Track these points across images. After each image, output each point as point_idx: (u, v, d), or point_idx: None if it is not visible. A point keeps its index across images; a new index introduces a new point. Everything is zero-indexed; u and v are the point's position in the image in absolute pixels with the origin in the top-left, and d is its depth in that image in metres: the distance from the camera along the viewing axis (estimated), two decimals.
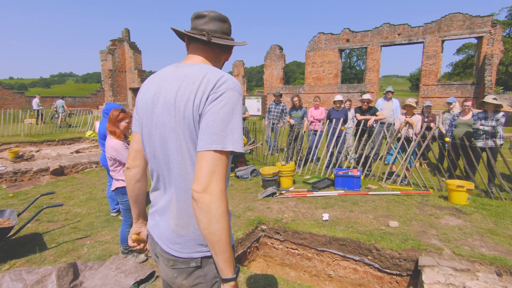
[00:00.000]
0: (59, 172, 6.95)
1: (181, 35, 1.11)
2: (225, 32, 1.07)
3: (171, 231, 1.01)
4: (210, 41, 1.03)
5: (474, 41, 21.97)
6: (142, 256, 2.88)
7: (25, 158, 8.82)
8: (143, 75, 23.51)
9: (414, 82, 52.76)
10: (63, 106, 15.22)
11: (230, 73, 27.05)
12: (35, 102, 15.73)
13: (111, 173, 2.67)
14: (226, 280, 0.89)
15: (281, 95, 7.59)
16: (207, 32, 1.03)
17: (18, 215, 3.12)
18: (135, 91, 24.48)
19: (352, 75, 53.75)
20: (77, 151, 10.00)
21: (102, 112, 3.81)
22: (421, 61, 19.89)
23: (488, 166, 4.62)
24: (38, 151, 9.70)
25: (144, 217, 1.28)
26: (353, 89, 21.86)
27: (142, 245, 1.27)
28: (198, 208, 0.85)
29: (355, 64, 57.39)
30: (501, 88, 20.46)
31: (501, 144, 4.75)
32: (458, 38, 18.98)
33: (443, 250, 2.87)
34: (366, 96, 5.60)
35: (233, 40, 1.10)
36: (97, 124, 11.95)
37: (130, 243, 1.27)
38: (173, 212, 1.01)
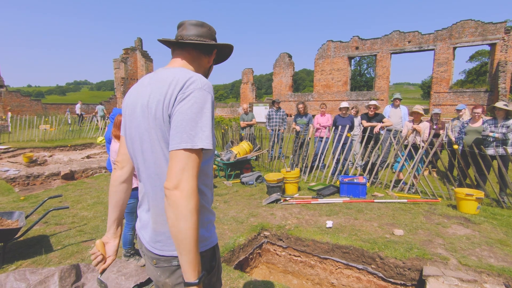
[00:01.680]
0: (70, 176, 7.12)
1: (167, 43, 1.15)
2: (202, 36, 1.11)
3: (152, 229, 1.04)
4: (184, 44, 1.08)
5: (487, 48, 21.58)
6: (143, 260, 2.90)
7: (39, 162, 9.07)
8: None
9: (426, 90, 51.99)
10: (103, 110, 17.68)
11: (240, 81, 27.32)
12: (78, 107, 18.76)
13: None
14: (187, 284, 0.88)
15: (279, 102, 7.68)
16: (180, 36, 1.08)
17: (26, 217, 3.21)
18: None
19: (362, 82, 53.45)
20: (88, 157, 10.23)
21: (109, 117, 3.92)
22: (432, 68, 19.65)
23: (499, 175, 4.49)
24: (51, 156, 9.97)
25: (117, 227, 1.19)
26: (363, 97, 21.71)
27: (100, 257, 1.12)
28: (168, 205, 0.86)
29: (365, 72, 57.08)
30: None
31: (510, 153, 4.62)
32: (470, 45, 18.70)
33: (449, 260, 2.79)
34: (373, 102, 5.56)
35: (212, 41, 1.14)
36: None
37: (91, 250, 1.13)
38: (153, 211, 1.03)
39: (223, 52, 1.23)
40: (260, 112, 15.04)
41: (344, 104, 5.95)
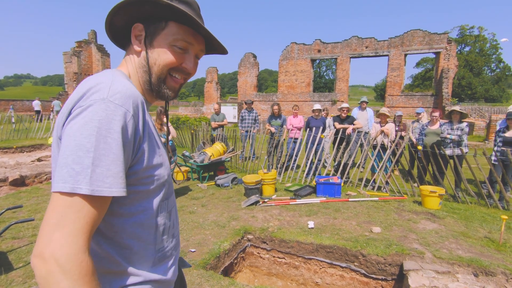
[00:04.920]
0: (20, 182, 6.37)
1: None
2: None
3: None
4: None
5: (432, 55, 23.83)
6: None
7: None
8: None
9: (379, 92, 55.84)
10: (59, 105, 18.67)
11: (202, 79, 26.71)
12: (36, 103, 19.18)
13: None
14: None
15: (252, 103, 7.69)
16: None
17: None
18: None
19: (321, 84, 55.75)
20: (38, 159, 9.24)
21: None
22: (386, 72, 21.13)
23: (455, 172, 4.97)
24: None
25: None
26: (325, 98, 22.62)
27: None
28: (37, 281, 0.57)
29: (324, 74, 59.63)
30: (456, 99, 22.32)
31: (466, 152, 5.15)
32: (418, 53, 20.49)
33: (425, 254, 3.01)
34: (345, 105, 5.81)
35: None
36: None
37: None
38: None
39: None
40: (228, 112, 14.91)
41: (317, 106, 6.13)
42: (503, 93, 43.45)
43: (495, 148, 4.92)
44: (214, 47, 0.87)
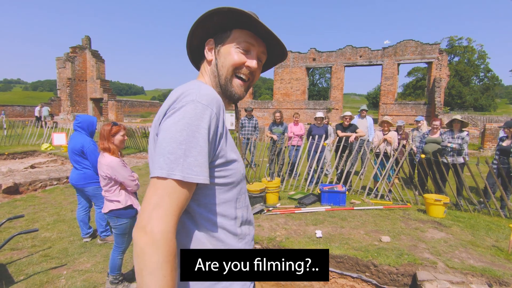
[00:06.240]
0: (13, 190, 6.17)
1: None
2: None
3: None
4: None
5: (424, 65, 24.36)
6: (134, 286, 2.59)
7: None
8: (106, 85, 22.26)
9: (371, 101, 56.63)
10: (48, 110, 19.14)
11: None
12: (38, 110, 19.71)
13: (104, 193, 2.40)
14: None
15: (252, 110, 7.70)
16: None
17: None
18: (96, 101, 23.02)
19: (315, 92, 56.29)
20: (32, 166, 9.01)
21: (73, 125, 3.48)
22: (380, 81, 21.48)
23: (458, 180, 5.01)
24: None
25: None
26: (319, 106, 22.81)
27: None
28: (134, 250, 0.67)
29: (318, 82, 60.31)
30: (448, 108, 22.79)
31: (467, 160, 5.21)
32: (411, 62, 20.91)
33: (437, 264, 2.99)
34: (348, 113, 5.84)
35: None
36: (54, 136, 10.93)
37: None
38: None
39: None
40: (226, 119, 14.89)
41: (319, 114, 6.15)
42: (492, 102, 44.62)
43: (496, 157, 5.00)
44: (274, 53, 0.98)
